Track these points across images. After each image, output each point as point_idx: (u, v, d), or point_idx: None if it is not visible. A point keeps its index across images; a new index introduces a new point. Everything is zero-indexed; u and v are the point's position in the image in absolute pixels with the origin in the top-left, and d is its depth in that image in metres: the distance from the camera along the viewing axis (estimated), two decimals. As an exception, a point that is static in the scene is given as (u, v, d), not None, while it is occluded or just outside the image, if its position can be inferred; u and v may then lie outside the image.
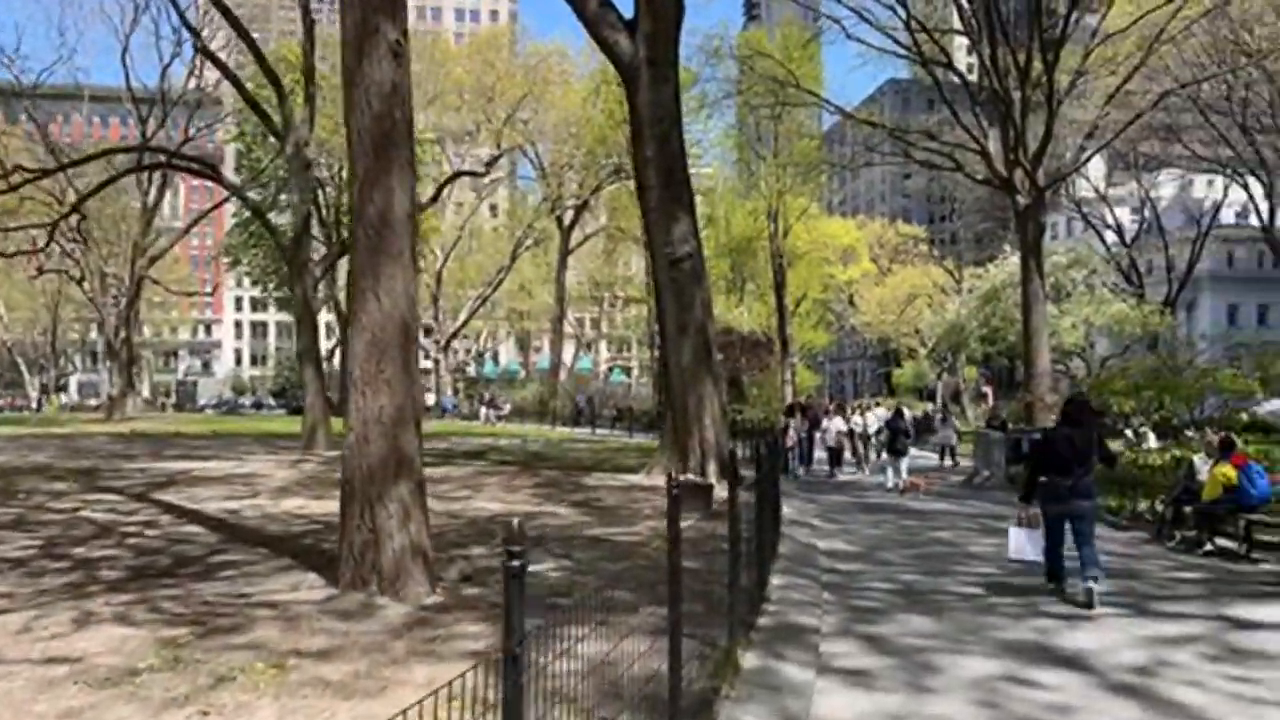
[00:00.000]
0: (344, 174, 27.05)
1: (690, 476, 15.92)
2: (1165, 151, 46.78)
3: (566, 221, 48.72)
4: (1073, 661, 6.27)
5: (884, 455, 19.08)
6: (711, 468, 15.68)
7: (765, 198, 40.80)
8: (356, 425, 7.06)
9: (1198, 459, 11.98)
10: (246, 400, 75.99)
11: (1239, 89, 34.79)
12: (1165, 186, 51.91)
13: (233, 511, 11.47)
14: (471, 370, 71.73)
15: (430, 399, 48.66)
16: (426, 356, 61.85)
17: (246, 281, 67.04)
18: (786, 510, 13.90)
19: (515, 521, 2.45)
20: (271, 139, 28.96)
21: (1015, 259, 34.59)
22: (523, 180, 62.24)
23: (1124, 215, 49.99)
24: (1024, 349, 27.98)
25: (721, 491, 12.74)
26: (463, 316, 50.03)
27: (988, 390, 45.42)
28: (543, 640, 4.72)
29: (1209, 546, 10.72)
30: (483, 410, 44.68)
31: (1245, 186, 40.97)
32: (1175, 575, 9.59)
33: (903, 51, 29.66)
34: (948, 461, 22.89)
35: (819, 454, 22.21)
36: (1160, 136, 44.45)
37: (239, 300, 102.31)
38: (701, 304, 15.96)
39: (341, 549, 7.17)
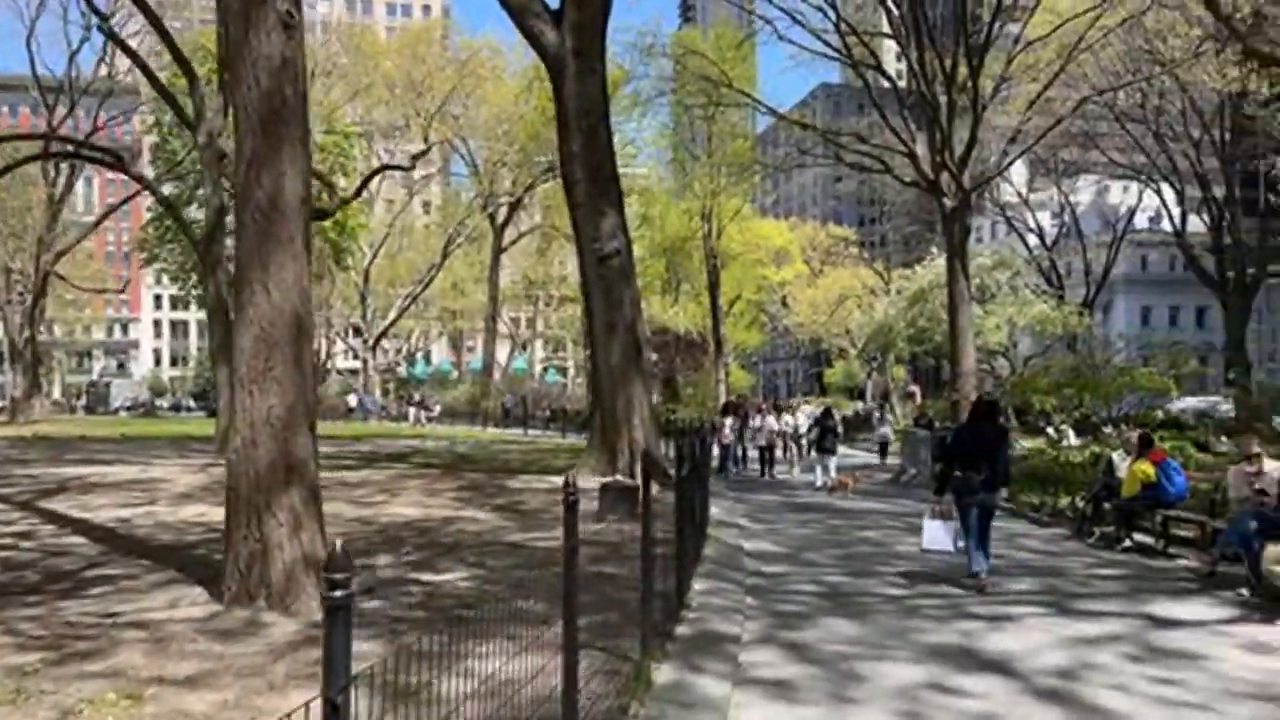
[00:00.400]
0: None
1: (619, 478, 15.57)
2: (1084, 158, 48.27)
3: (500, 219, 47.93)
4: (997, 665, 6.08)
5: (813, 454, 18.99)
6: (640, 469, 15.33)
7: (699, 198, 40.71)
8: (243, 428, 6.49)
9: (1116, 456, 12.08)
10: (165, 402, 72.99)
11: (1153, 98, 35.95)
12: (1083, 192, 53.51)
13: (124, 520, 10.67)
14: (402, 370, 70.18)
15: (353, 400, 47.21)
16: (355, 356, 60.26)
17: (166, 279, 64.32)
18: (715, 510, 13.64)
19: (338, 544, 2.02)
20: (189, 130, 27.64)
21: (942, 261, 35.21)
22: (456, 177, 61.21)
23: (1045, 219, 51.36)
24: (950, 348, 28.38)
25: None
26: (392, 315, 48.75)
27: (915, 389, 46.15)
28: (443, 660, 4.30)
29: (1127, 542, 10.78)
30: (411, 411, 43.52)
31: (1159, 192, 42.45)
32: (1096, 572, 9.58)
33: (833, 54, 29.81)
34: (886, 459, 22.99)
35: (751, 453, 22.09)
36: (1079, 143, 45.85)
37: (158, 298, 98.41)
38: (631, 302, 15.61)
39: (227, 561, 6.60)
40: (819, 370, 71.36)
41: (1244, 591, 8.34)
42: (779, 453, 21.71)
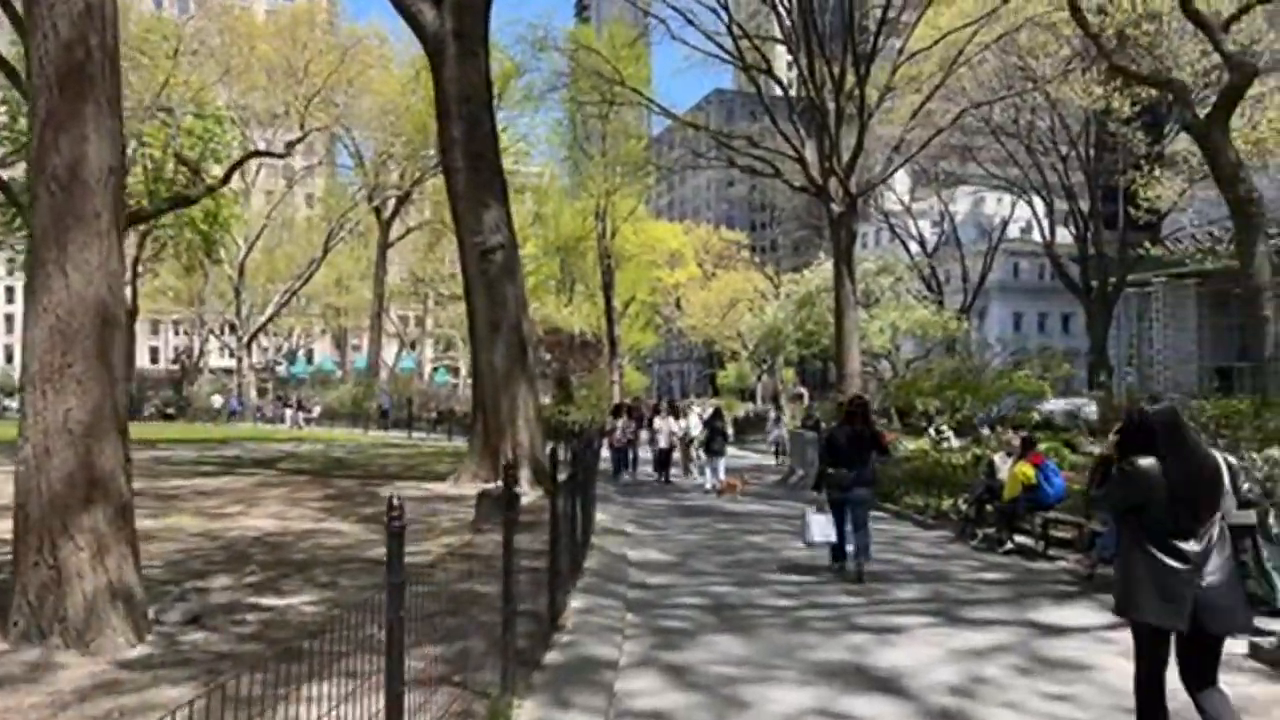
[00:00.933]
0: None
1: (500, 484, 14.83)
2: (962, 170, 50.32)
3: (386, 213, 46.12)
4: (888, 684, 5.71)
5: (702, 456, 18.64)
6: (525, 474, 14.64)
7: (593, 197, 40.16)
8: (34, 434, 5.49)
9: (998, 458, 12.14)
10: (14, 402, 67.20)
11: (1025, 114, 37.60)
12: (961, 202, 55.71)
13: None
14: (283, 369, 66.93)
15: (218, 400, 44.35)
16: (231, 355, 56.98)
17: (20, 271, 59.16)
18: (602, 517, 13.09)
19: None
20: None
21: (829, 265, 35.94)
22: (344, 169, 58.73)
23: (925, 227, 53.19)
24: (836, 351, 28.79)
25: (532, 499, 11.71)
26: (269, 310, 46.05)
27: (803, 391, 46.88)
28: (257, 706, 3.55)
29: (1009, 545, 10.78)
30: (288, 413, 41.15)
31: (1030, 204, 44.45)
32: (980, 576, 9.47)
33: (725, 57, 29.81)
34: (783, 460, 22.84)
35: (644, 455, 21.49)
36: (958, 155, 47.72)
37: (10, 291, 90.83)
38: (515, 299, 14.87)
39: (14, 592, 5.58)
40: (712, 372, 71.96)
41: (1121, 593, 8.33)
42: (676, 454, 21.05)
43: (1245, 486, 5.04)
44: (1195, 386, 37.90)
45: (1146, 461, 4.12)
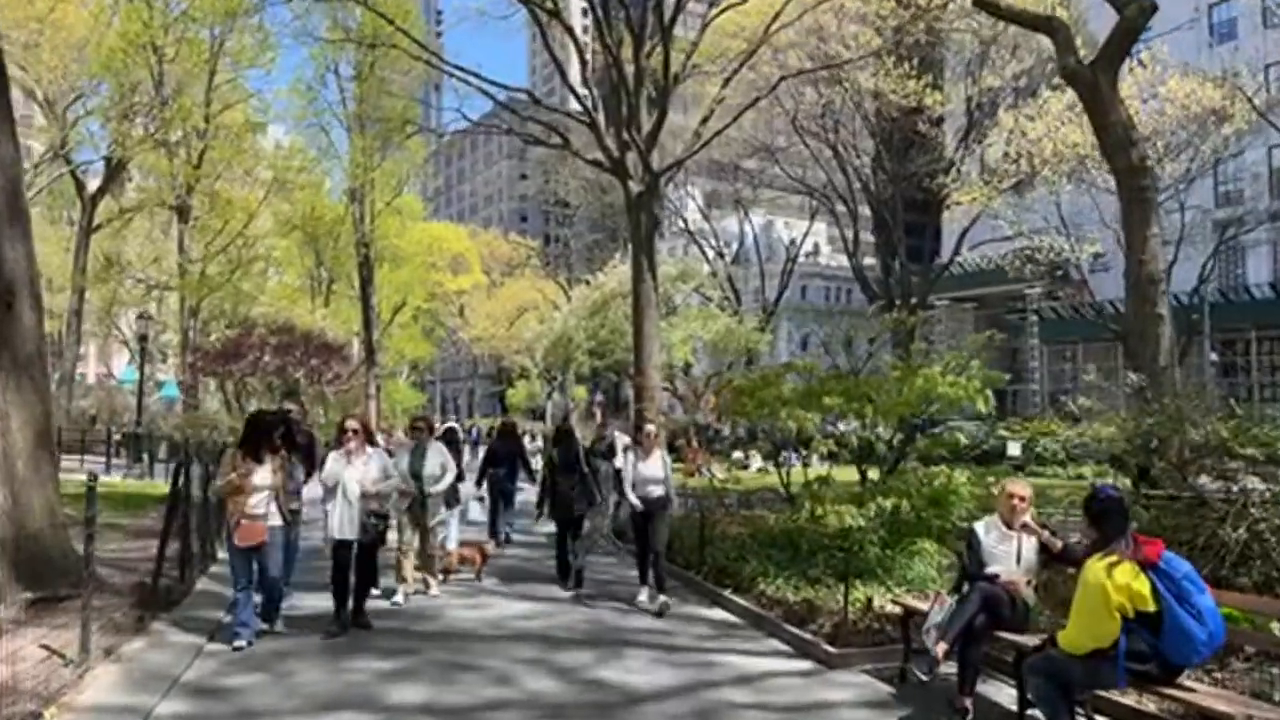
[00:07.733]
0: None
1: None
2: (755, 194, 46.84)
3: (92, 186, 34.42)
4: None
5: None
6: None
7: (346, 173, 31.22)
8: None
9: (980, 528, 5.45)
10: None
11: (831, 113, 33.31)
12: (754, 221, 52.32)
13: None
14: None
15: None
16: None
17: None
18: (103, 700, 5.09)
19: None
20: None
21: (624, 268, 29.91)
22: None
23: (723, 249, 49.34)
24: (635, 357, 22.44)
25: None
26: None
27: (598, 409, 40.14)
28: None
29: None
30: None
31: (832, 213, 40.84)
32: None
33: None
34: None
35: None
36: (754, 177, 43.96)
37: None
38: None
39: None
40: (500, 390, 63.78)
41: None
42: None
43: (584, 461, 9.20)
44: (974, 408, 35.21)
45: (554, 449, 9.55)
